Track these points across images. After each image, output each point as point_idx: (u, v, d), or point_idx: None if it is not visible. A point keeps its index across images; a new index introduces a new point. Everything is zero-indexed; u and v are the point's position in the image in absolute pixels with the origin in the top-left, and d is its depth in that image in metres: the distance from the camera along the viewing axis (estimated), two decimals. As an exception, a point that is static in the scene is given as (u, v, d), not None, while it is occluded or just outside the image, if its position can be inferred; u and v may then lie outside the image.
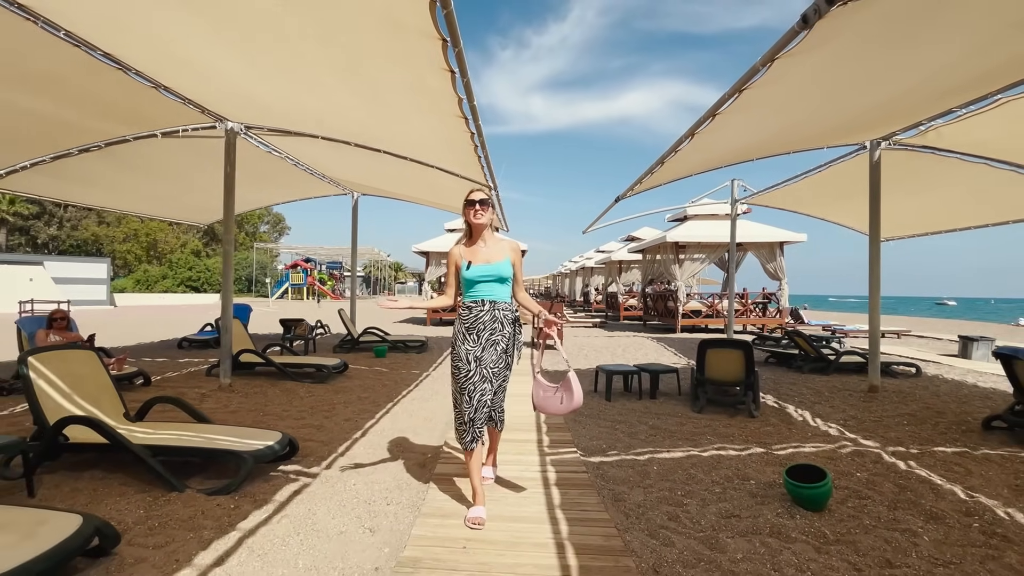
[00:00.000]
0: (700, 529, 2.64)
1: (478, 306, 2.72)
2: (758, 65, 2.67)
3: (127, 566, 2.17)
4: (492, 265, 2.72)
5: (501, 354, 2.74)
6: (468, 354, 2.68)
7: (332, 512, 2.76)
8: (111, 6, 3.45)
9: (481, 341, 2.69)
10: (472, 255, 2.75)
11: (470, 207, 2.76)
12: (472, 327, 2.71)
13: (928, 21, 2.87)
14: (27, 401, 3.20)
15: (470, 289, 2.75)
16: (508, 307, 2.78)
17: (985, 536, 2.62)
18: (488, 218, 2.77)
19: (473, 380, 2.67)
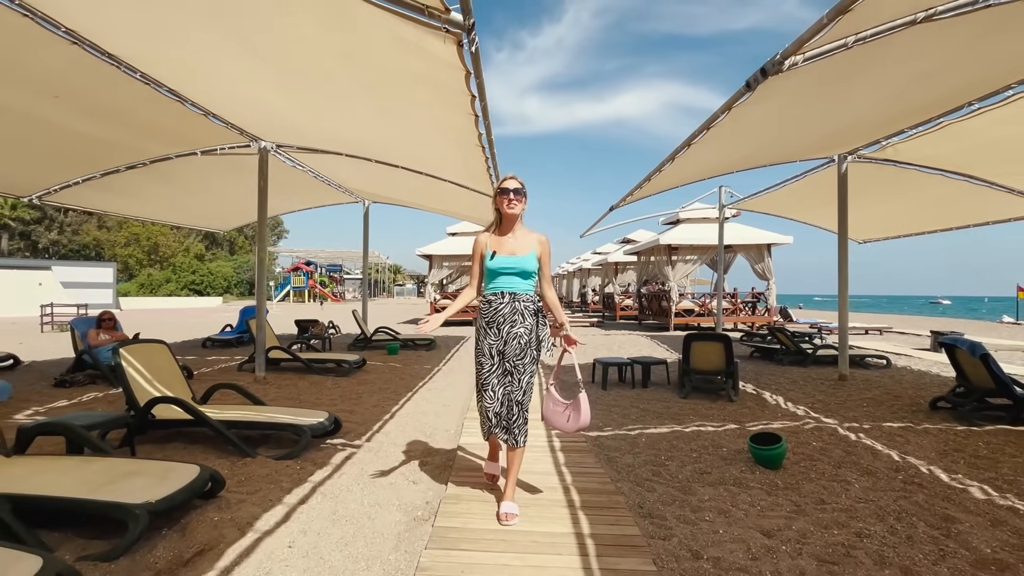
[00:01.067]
0: (677, 481, 3.30)
1: (498, 299, 2.65)
2: (718, 112, 3.33)
3: (233, 505, 2.81)
4: (517, 257, 2.64)
5: (524, 347, 2.64)
6: (491, 348, 2.64)
7: (381, 471, 3.41)
8: (180, 51, 4.09)
9: (502, 335, 2.63)
10: (498, 245, 2.66)
11: (503, 196, 2.63)
12: (492, 321, 2.65)
13: (852, 77, 3.55)
14: (120, 384, 3.84)
15: (491, 280, 2.68)
16: (530, 299, 2.70)
17: (904, 484, 3.29)
18: (521, 208, 2.66)
19: (497, 374, 2.64)
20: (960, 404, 5.03)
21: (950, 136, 5.49)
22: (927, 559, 2.34)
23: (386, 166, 6.73)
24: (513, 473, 2.70)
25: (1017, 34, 3.06)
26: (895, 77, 3.73)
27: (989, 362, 4.75)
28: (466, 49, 2.45)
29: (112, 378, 6.05)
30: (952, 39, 3.04)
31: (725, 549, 2.41)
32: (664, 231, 15.95)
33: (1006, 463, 3.68)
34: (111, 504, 2.32)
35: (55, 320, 14.75)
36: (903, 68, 3.55)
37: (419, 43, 2.53)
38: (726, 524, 2.68)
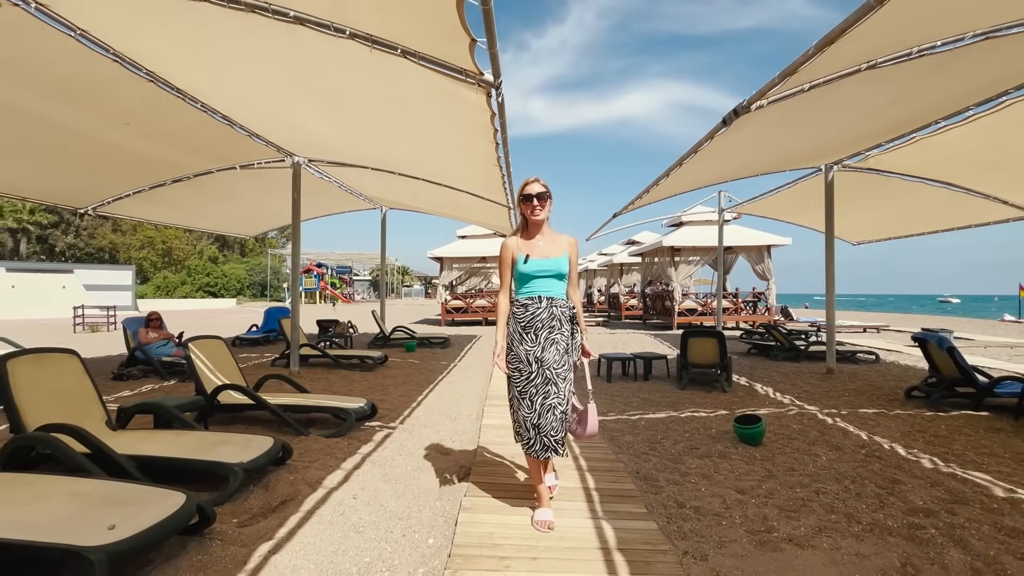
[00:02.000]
0: (669, 455, 3.87)
1: (535, 303, 2.57)
2: (703, 140, 3.89)
3: (301, 469, 3.41)
4: (551, 260, 2.58)
5: (563, 353, 2.56)
6: (528, 355, 2.53)
7: (417, 445, 4.00)
8: (240, 87, 4.72)
9: (540, 340, 2.53)
10: (529, 248, 2.59)
11: (527, 204, 2.57)
12: (529, 325, 2.55)
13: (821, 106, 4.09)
14: (189, 374, 4.47)
15: (525, 284, 2.60)
16: (566, 304, 2.63)
17: (865, 457, 3.83)
18: (547, 213, 2.61)
19: (535, 383, 2.52)
20: (931, 393, 5.56)
21: (925, 149, 6.02)
22: (868, 508, 2.90)
23: (408, 178, 7.34)
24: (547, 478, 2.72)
25: (956, 73, 3.61)
26: (861, 104, 4.27)
27: (955, 354, 5.28)
28: (493, 99, 3.03)
29: (163, 372, 6.71)
30: (901, 77, 3.59)
31: (704, 501, 2.98)
32: (667, 233, 16.48)
33: (959, 441, 4.22)
34: (216, 463, 2.92)
35: (86, 321, 15.53)
36: (866, 98, 4.09)
37: (455, 92, 3.12)
38: (708, 484, 3.25)
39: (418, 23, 2.64)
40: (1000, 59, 3.43)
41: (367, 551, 2.41)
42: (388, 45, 2.88)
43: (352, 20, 2.86)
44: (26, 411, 3.04)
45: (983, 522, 2.71)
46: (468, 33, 2.41)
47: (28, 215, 48.86)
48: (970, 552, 2.40)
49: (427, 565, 2.30)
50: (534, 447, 2.54)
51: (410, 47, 2.88)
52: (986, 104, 4.41)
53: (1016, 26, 3.02)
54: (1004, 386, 5.11)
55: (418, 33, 2.74)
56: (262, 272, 46.57)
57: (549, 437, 2.52)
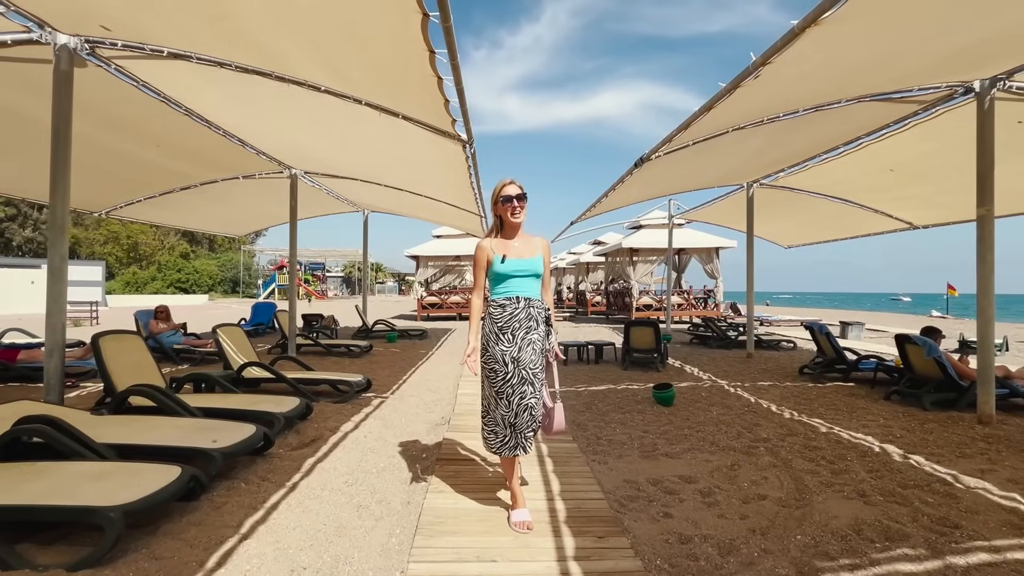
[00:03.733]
0: (599, 411, 5.11)
1: (512, 303, 2.58)
2: (624, 175, 5.12)
3: (320, 421, 4.50)
4: (527, 260, 2.60)
5: (540, 353, 2.59)
6: (504, 355, 2.54)
7: (407, 408, 5.13)
8: (261, 122, 5.73)
9: (516, 340, 2.55)
10: (505, 248, 2.61)
11: (507, 204, 2.58)
12: (506, 326, 2.56)
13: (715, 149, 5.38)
14: (218, 353, 5.48)
15: (501, 284, 2.62)
16: (542, 305, 2.66)
17: (743, 410, 5.15)
18: (524, 215, 2.63)
19: (512, 383, 2.53)
20: (816, 369, 7.00)
21: (819, 174, 7.46)
22: (727, 439, 4.18)
23: (392, 189, 8.41)
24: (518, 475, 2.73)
25: (808, 130, 4.95)
26: (744, 147, 5.59)
27: (830, 338, 6.72)
28: (467, 152, 4.18)
29: (175, 358, 7.62)
30: (766, 133, 4.91)
31: (615, 436, 4.22)
32: (628, 235, 17.90)
33: (818, 401, 5.61)
34: (263, 412, 3.99)
35: (69, 316, 15.97)
36: (744, 144, 5.41)
37: (439, 142, 4.24)
38: (622, 428, 4.49)
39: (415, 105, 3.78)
40: (830, 123, 4.79)
41: (380, 461, 3.55)
42: (391, 112, 4.00)
43: (368, 96, 3.97)
44: (115, 375, 4.06)
45: (797, 444, 4.03)
46: (449, 114, 3.56)
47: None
48: (777, 458, 3.70)
49: (422, 465, 3.46)
50: (508, 444, 2.57)
51: (408, 114, 4.02)
52: (832, 151, 5.81)
53: (831, 105, 4.36)
54: (865, 363, 6.58)
55: (415, 109, 3.88)
56: (233, 268, 46.34)
57: (523, 436, 2.55)
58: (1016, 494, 3.05)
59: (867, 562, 2.29)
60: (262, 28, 3.43)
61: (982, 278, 4.58)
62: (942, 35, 3.61)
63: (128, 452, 3.01)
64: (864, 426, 4.59)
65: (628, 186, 7.02)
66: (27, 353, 6.35)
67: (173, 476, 2.56)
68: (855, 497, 3.01)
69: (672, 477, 3.31)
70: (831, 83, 4.02)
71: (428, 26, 2.53)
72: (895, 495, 3.03)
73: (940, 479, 3.30)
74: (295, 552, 2.34)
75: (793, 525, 2.65)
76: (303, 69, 3.88)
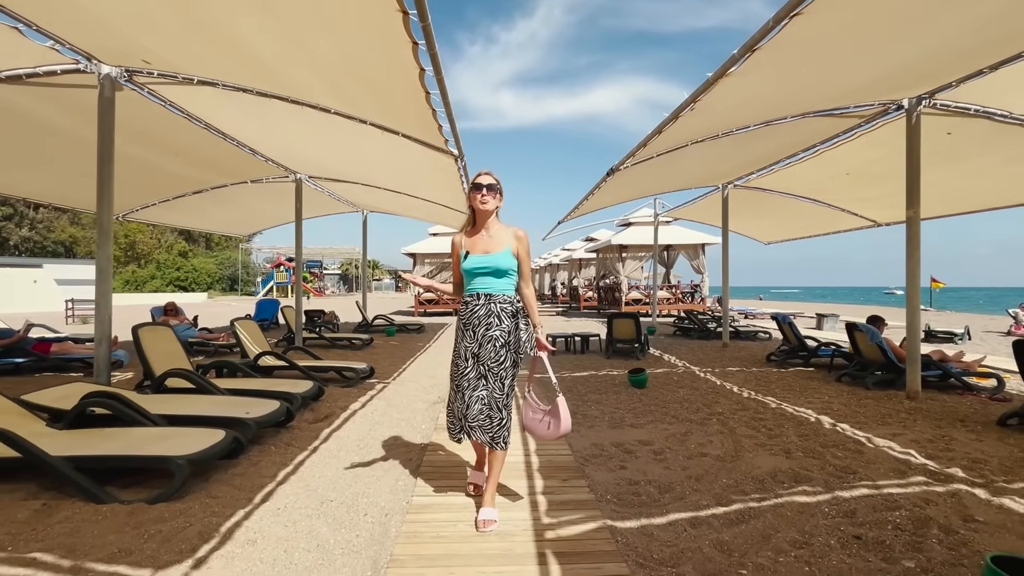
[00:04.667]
0: (579, 393, 5.73)
1: (474, 300, 2.60)
2: (599, 182, 5.72)
3: (331, 402, 5.10)
4: (490, 256, 2.57)
5: (500, 349, 2.55)
6: (466, 351, 2.59)
7: (407, 391, 5.74)
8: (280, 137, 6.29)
9: (477, 337, 2.56)
10: (472, 245, 2.61)
11: (476, 192, 2.57)
12: (468, 323, 2.60)
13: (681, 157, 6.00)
14: (237, 342, 6.08)
15: (469, 282, 2.64)
16: (507, 299, 2.61)
17: (708, 391, 5.79)
18: (494, 205, 2.60)
19: (468, 377, 2.57)
20: (781, 356, 7.65)
21: (785, 176, 8.10)
22: (686, 413, 4.81)
23: (391, 191, 8.99)
24: (493, 478, 2.61)
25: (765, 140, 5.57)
26: (713, 154, 6.22)
27: (793, 328, 7.37)
28: (459, 164, 4.77)
29: (190, 351, 8.19)
30: (724, 144, 5.53)
31: (589, 412, 4.85)
32: (617, 232, 18.53)
33: (776, 383, 6.25)
34: (283, 392, 4.58)
35: (76, 313, 16.53)
36: (713, 151, 6.03)
37: (434, 155, 4.84)
38: (596, 406, 5.11)
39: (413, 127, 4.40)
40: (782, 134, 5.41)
41: (388, 432, 4.16)
42: (392, 131, 4.60)
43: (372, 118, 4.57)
44: (152, 361, 4.66)
45: (746, 417, 4.66)
46: (442, 136, 4.16)
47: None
48: (725, 427, 4.33)
49: (422, 435, 4.08)
50: (460, 434, 2.62)
51: (407, 133, 4.62)
52: (794, 157, 6.44)
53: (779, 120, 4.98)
54: (824, 350, 7.23)
55: (413, 129, 4.48)
56: (231, 266, 46.74)
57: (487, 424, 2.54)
58: (912, 450, 3.70)
59: (772, 496, 2.92)
60: (284, 65, 4.01)
61: (910, 272, 5.23)
62: (865, 64, 4.22)
63: (176, 421, 3.61)
64: (809, 402, 5.23)
65: (608, 190, 7.62)
66: (59, 346, 6.92)
67: (220, 437, 3.16)
68: (780, 454, 3.64)
69: (632, 441, 3.94)
70: (772, 104, 4.64)
71: (424, 77, 3.14)
72: (813, 452, 3.67)
73: (856, 440, 3.95)
74: (322, 491, 2.95)
75: (723, 474, 3.28)
76: (316, 95, 4.46)
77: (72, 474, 2.71)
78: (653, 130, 4.28)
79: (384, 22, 2.73)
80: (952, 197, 7.06)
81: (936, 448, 3.76)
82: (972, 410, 4.87)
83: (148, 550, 2.28)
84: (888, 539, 2.41)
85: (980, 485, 3.06)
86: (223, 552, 2.29)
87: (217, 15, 3.39)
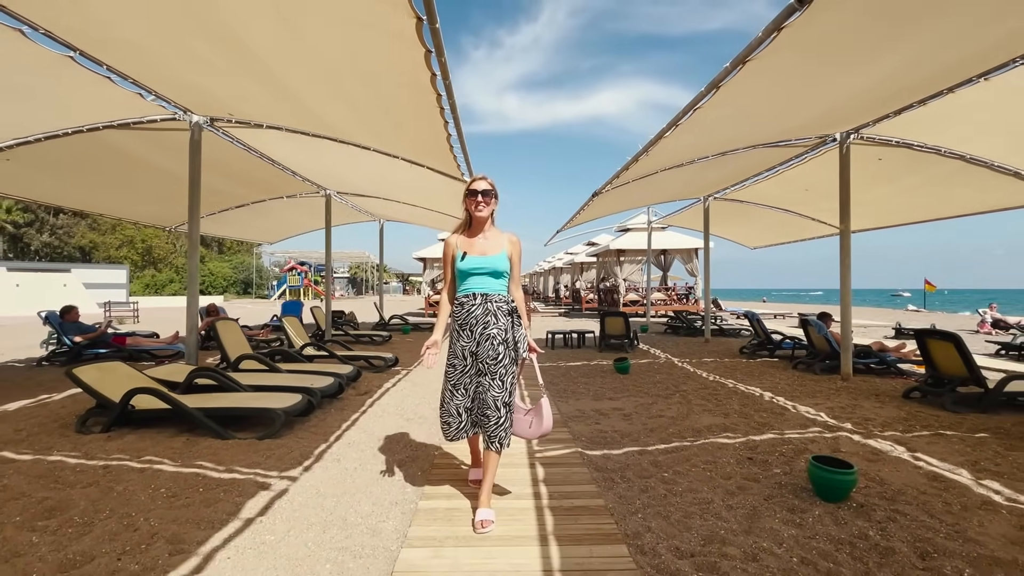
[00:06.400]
0: (571, 377, 6.84)
1: (470, 300, 2.64)
2: (586, 203, 6.84)
3: (368, 382, 6.26)
4: (488, 258, 2.63)
5: (498, 346, 2.59)
6: (464, 350, 2.63)
7: (427, 375, 6.87)
8: (317, 162, 7.48)
9: (475, 336, 2.61)
10: (468, 245, 2.67)
11: (471, 198, 2.65)
12: (465, 323, 2.64)
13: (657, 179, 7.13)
14: (285, 335, 7.25)
15: (463, 282, 2.67)
16: (503, 299, 2.67)
17: (681, 376, 6.88)
18: (490, 210, 2.67)
19: (470, 374, 2.63)
20: (752, 349, 8.73)
21: (757, 191, 9.20)
22: (656, 391, 5.91)
23: (408, 205, 10.17)
24: (489, 478, 2.63)
25: (726, 165, 6.70)
26: (683, 177, 7.34)
27: (760, 324, 8.45)
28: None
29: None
30: (689, 170, 6.65)
31: (578, 390, 5.97)
32: (616, 237, 19.63)
33: (741, 371, 7.33)
34: (332, 373, 5.74)
35: (112, 314, 17.83)
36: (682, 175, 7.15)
37: (452, 182, 6.00)
38: (584, 386, 6.23)
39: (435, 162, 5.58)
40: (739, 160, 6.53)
41: (416, 401, 5.29)
42: (417, 164, 5.77)
43: (402, 154, 5.76)
44: (228, 347, 5.83)
45: (704, 393, 5.76)
46: (458, 167, 5.32)
47: (5, 214, 49.16)
48: (685, 400, 5.43)
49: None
50: (464, 428, 2.65)
51: (430, 166, 5.81)
52: (759, 175, 7.55)
53: (733, 151, 6.10)
54: (786, 343, 8.31)
55: (435, 163, 5.67)
56: (246, 270, 48.21)
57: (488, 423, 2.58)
58: (823, 413, 4.79)
59: (702, 439, 4.03)
60: (336, 118, 5.17)
61: (843, 277, 6.32)
62: (803, 105, 5.31)
63: (258, 390, 4.76)
64: (761, 383, 6.32)
65: (597, 206, 8.74)
66: (132, 339, 8.13)
67: (299, 398, 4.31)
68: (720, 416, 4.74)
69: (608, 409, 5.05)
70: (729, 137, 5.76)
71: (448, 128, 4.29)
72: (745, 415, 4.77)
73: (783, 407, 5.05)
74: (377, 434, 4.10)
75: (672, 427, 4.39)
76: (359, 137, 5.63)
77: (205, 420, 3.87)
78: (630, 159, 5.38)
79: (415, 79, 3.71)
80: (887, 211, 8.14)
81: (843, 412, 4.85)
82: (891, 388, 5.95)
83: (270, 463, 3.43)
84: (771, 460, 3.52)
85: (859, 433, 4.16)
86: (319, 464, 3.44)
87: (282, 78, 4.52)
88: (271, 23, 3.40)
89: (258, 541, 2.42)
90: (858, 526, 2.56)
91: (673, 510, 2.74)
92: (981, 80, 4.42)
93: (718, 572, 2.16)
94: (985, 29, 3.65)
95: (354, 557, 2.31)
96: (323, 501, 2.87)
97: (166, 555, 2.27)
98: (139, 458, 3.46)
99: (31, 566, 2.16)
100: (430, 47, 3.11)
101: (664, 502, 2.85)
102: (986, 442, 3.91)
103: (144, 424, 4.14)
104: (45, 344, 8.47)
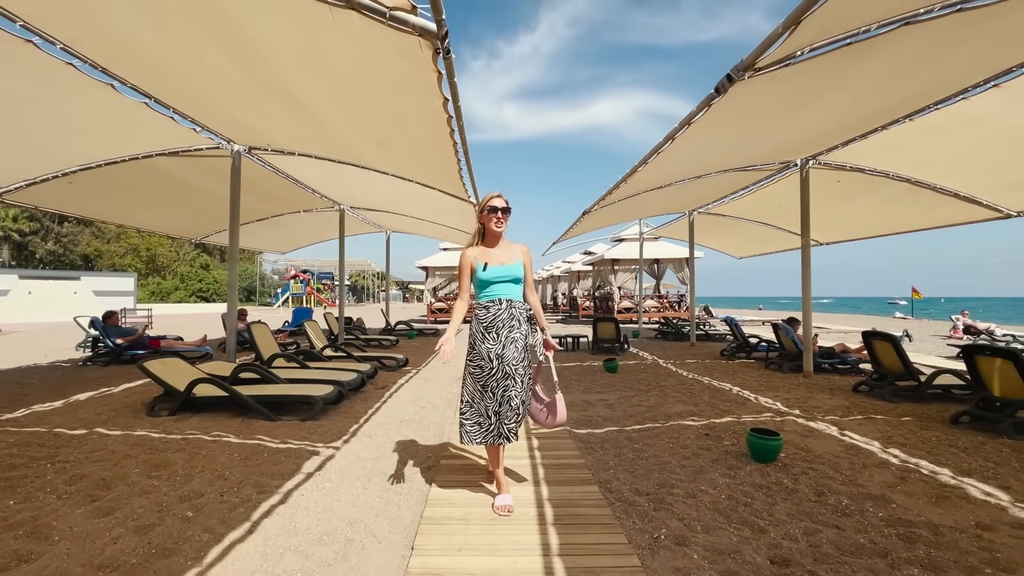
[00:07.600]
0: (565, 376, 7.62)
1: (495, 305, 2.81)
2: (577, 220, 7.68)
3: (383, 379, 7.04)
4: (507, 267, 2.82)
5: (521, 350, 2.78)
6: (489, 352, 2.78)
7: (436, 374, 7.66)
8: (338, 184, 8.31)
9: (501, 338, 2.77)
10: (487, 256, 2.84)
11: (492, 214, 2.84)
12: (491, 325, 2.79)
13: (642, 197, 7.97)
14: (306, 337, 8.04)
15: (485, 289, 2.84)
16: (523, 306, 2.88)
17: (663, 375, 7.67)
18: (506, 225, 2.87)
19: (496, 377, 2.76)
20: (731, 351, 9.54)
21: (736, 206, 10.04)
22: (639, 387, 6.70)
23: (415, 218, 11.00)
24: (502, 464, 2.98)
25: (703, 186, 7.54)
26: (664, 196, 8.19)
27: (737, 328, 9.27)
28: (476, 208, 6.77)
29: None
30: (669, 192, 7.49)
31: (570, 385, 6.75)
32: (611, 247, 20.48)
33: (719, 370, 8.13)
34: (356, 370, 6.52)
35: (127, 321, 18.60)
36: (663, 196, 8.00)
37: (459, 203, 6.83)
38: (576, 383, 7.02)
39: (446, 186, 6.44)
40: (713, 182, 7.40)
41: (429, 394, 6.07)
42: (429, 186, 6.62)
43: (416, 178, 6.60)
44: (261, 347, 6.62)
45: (680, 388, 6.55)
46: (464, 188, 6.16)
47: (11, 223, 49.92)
48: (663, 393, 6.22)
49: (453, 395, 6.00)
50: (493, 433, 2.79)
51: (441, 188, 6.66)
52: (735, 193, 8.40)
53: (706, 175, 6.95)
54: (761, 346, 9.11)
55: (446, 186, 6.51)
56: (249, 278, 48.99)
57: (505, 425, 2.77)
58: (779, 403, 5.58)
59: (671, 422, 4.82)
60: (364, 151, 6.01)
61: (804, 287, 7.14)
62: (759, 142, 6.16)
63: (294, 383, 5.54)
64: (733, 380, 7.11)
65: (588, 221, 9.57)
66: (166, 342, 8.89)
67: (331, 388, 5.10)
68: (691, 405, 5.53)
69: (595, 400, 5.84)
70: (696, 167, 6.60)
71: (459, 165, 5.13)
72: (712, 404, 5.56)
73: (745, 398, 5.84)
74: (399, 417, 4.89)
75: (647, 413, 5.18)
76: (379, 164, 6.47)
77: (257, 405, 4.65)
78: (612, 186, 6.21)
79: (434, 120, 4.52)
80: (852, 226, 9.00)
81: (796, 402, 5.64)
82: (845, 384, 6.74)
83: (315, 437, 4.22)
84: (724, 436, 4.31)
85: (804, 418, 4.96)
86: (355, 439, 4.23)
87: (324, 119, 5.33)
88: (327, 84, 4.21)
89: (321, 487, 3.20)
90: (776, 477, 3.35)
91: (638, 468, 3.54)
92: (907, 120, 5.27)
93: (664, 503, 2.95)
94: (883, 92, 4.53)
95: (396, 494, 3.10)
96: (364, 463, 3.66)
97: (255, 493, 3.06)
98: (209, 433, 4.25)
99: (161, 498, 2.95)
100: (447, 96, 3.93)
101: (632, 463, 3.64)
102: (906, 423, 4.71)
103: (203, 409, 4.92)
104: (82, 346, 9.23)
